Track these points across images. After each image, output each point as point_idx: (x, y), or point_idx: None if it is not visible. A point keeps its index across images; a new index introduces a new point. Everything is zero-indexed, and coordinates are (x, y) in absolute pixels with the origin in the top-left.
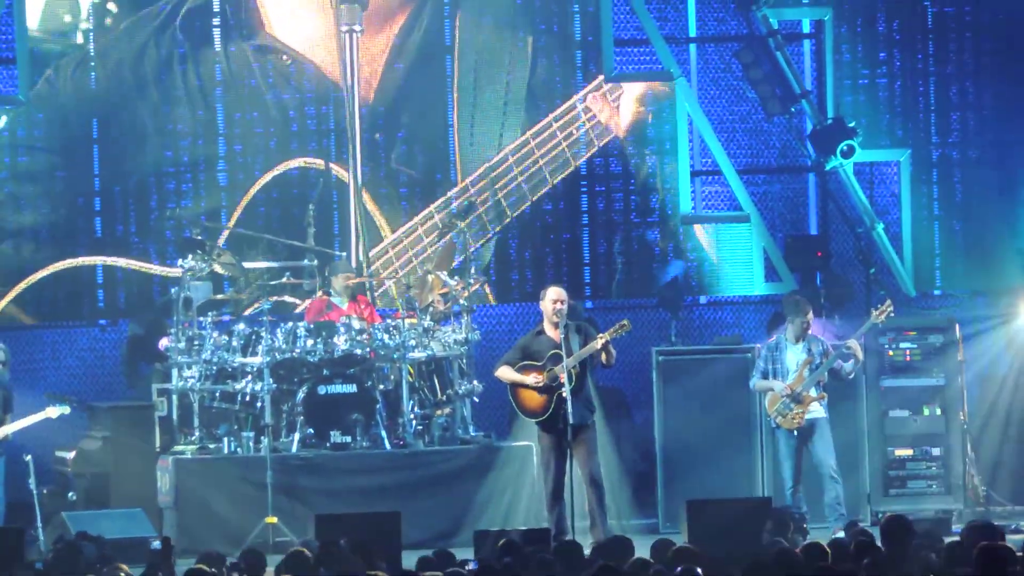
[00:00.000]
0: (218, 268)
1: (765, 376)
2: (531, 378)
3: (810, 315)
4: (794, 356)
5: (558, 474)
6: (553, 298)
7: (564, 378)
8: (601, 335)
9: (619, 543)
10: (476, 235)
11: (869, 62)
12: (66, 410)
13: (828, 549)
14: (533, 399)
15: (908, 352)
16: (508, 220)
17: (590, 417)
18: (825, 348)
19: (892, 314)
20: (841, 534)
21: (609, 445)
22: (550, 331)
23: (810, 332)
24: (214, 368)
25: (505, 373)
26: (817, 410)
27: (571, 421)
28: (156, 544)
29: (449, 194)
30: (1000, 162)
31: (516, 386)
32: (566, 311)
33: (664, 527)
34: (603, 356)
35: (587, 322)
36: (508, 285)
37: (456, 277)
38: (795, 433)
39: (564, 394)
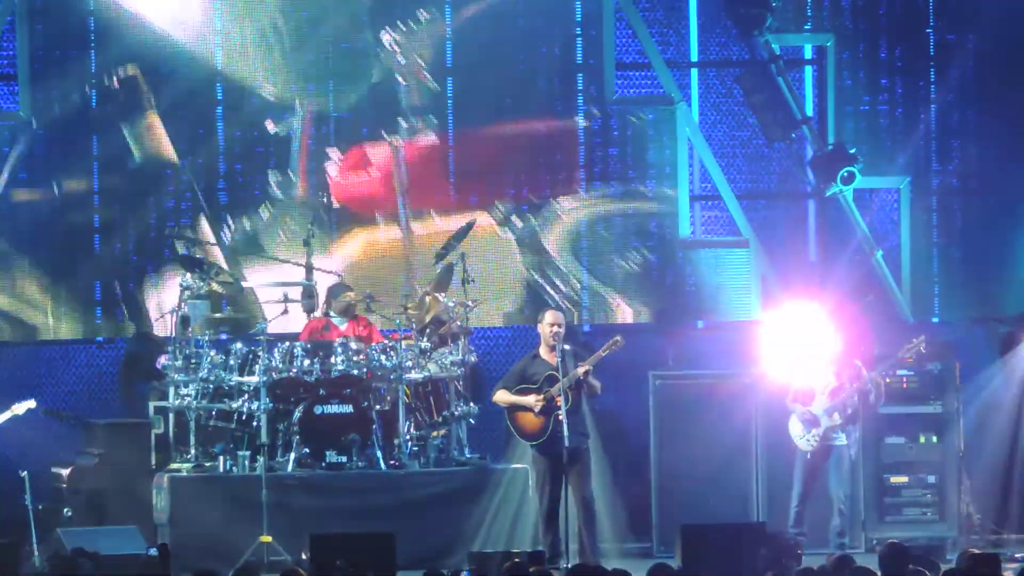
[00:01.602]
0: (216, 287)
1: (796, 398)
2: (529, 399)
3: (841, 347)
4: (823, 380)
5: (553, 497)
6: (551, 321)
7: (560, 400)
8: (585, 361)
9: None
10: None
11: (870, 89)
12: (31, 404)
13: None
14: (531, 422)
15: (905, 379)
16: None
17: (585, 442)
18: (858, 374)
19: (923, 350)
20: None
21: (605, 468)
22: (546, 355)
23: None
24: (211, 387)
25: (503, 396)
26: (838, 437)
27: (567, 444)
28: (152, 551)
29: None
30: (1000, 190)
31: (514, 409)
32: (563, 335)
33: (659, 551)
34: (585, 387)
35: (582, 347)
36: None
37: (453, 300)
38: (809, 456)
39: (560, 416)
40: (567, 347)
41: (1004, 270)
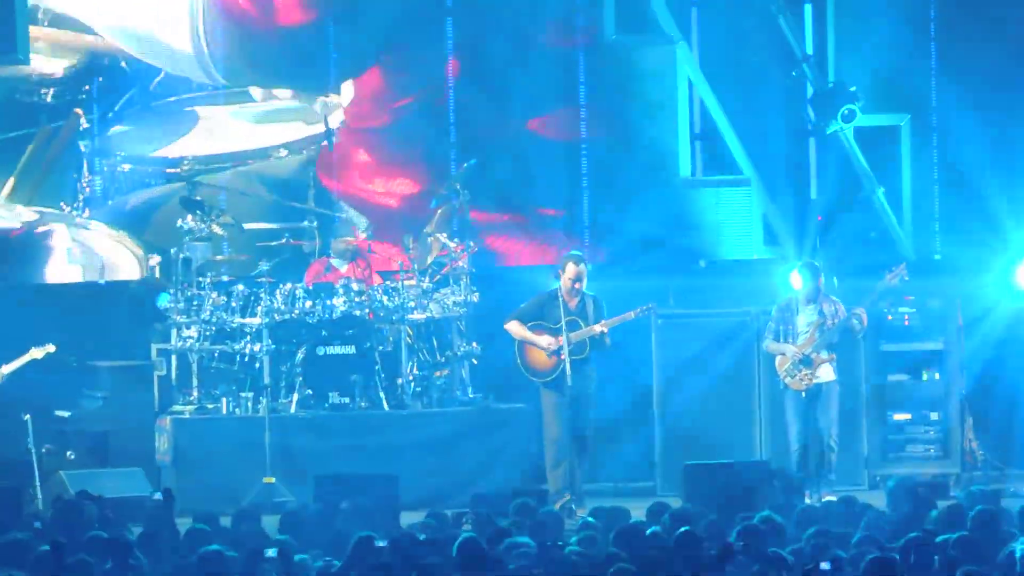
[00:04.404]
0: (217, 229)
1: (777, 337)
2: (543, 340)
3: (821, 280)
4: (805, 318)
5: (561, 433)
6: (571, 276)
7: (563, 340)
8: (606, 320)
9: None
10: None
11: (871, 26)
12: (50, 348)
13: (824, 513)
14: (541, 360)
15: (907, 316)
16: None
17: (591, 386)
18: (837, 309)
19: (906, 277)
20: (831, 498)
21: (607, 407)
22: (567, 297)
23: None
24: (213, 328)
25: (517, 329)
26: (827, 374)
27: (570, 383)
28: (157, 495)
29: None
30: (1001, 127)
31: (525, 344)
32: (583, 286)
33: (662, 490)
34: (606, 339)
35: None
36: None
37: (455, 239)
38: (803, 395)
39: (564, 355)
40: (589, 293)
41: (1005, 205)
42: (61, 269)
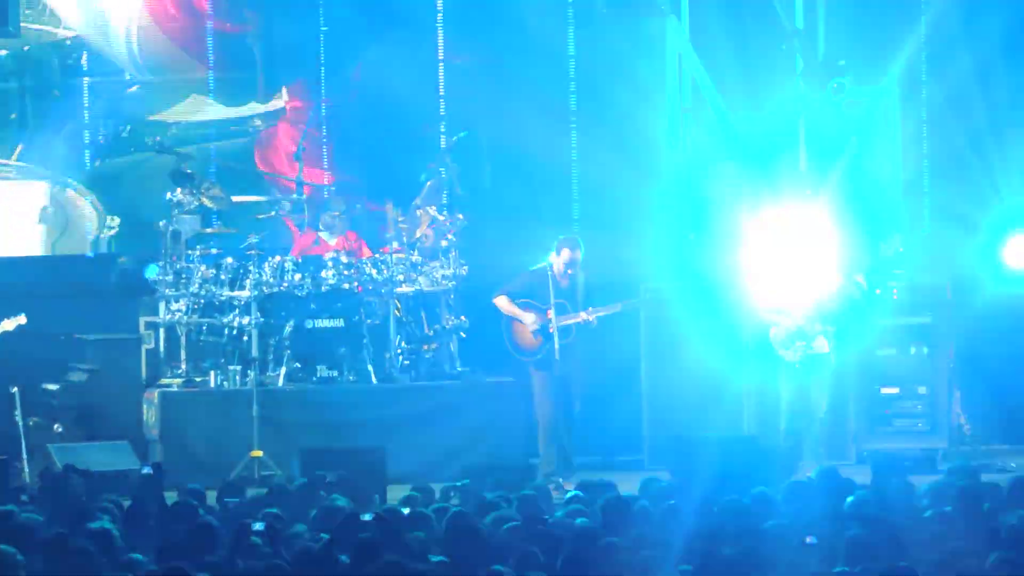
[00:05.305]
0: (207, 201)
1: (772, 310)
2: (530, 317)
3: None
4: (802, 288)
5: (552, 412)
6: (565, 260)
7: (551, 315)
8: (593, 309)
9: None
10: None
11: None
12: (22, 320)
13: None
14: (528, 338)
15: (896, 290)
16: None
17: (577, 365)
18: (832, 281)
19: (901, 249)
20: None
21: (595, 381)
22: (558, 277)
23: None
24: (201, 301)
25: (504, 304)
26: (821, 345)
27: (558, 357)
28: (147, 469)
29: None
30: (993, 101)
31: (512, 321)
32: (577, 271)
33: (649, 463)
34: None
35: None
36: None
37: (444, 212)
38: (796, 367)
39: (553, 329)
40: (582, 273)
41: (995, 179)
42: (30, 228)
